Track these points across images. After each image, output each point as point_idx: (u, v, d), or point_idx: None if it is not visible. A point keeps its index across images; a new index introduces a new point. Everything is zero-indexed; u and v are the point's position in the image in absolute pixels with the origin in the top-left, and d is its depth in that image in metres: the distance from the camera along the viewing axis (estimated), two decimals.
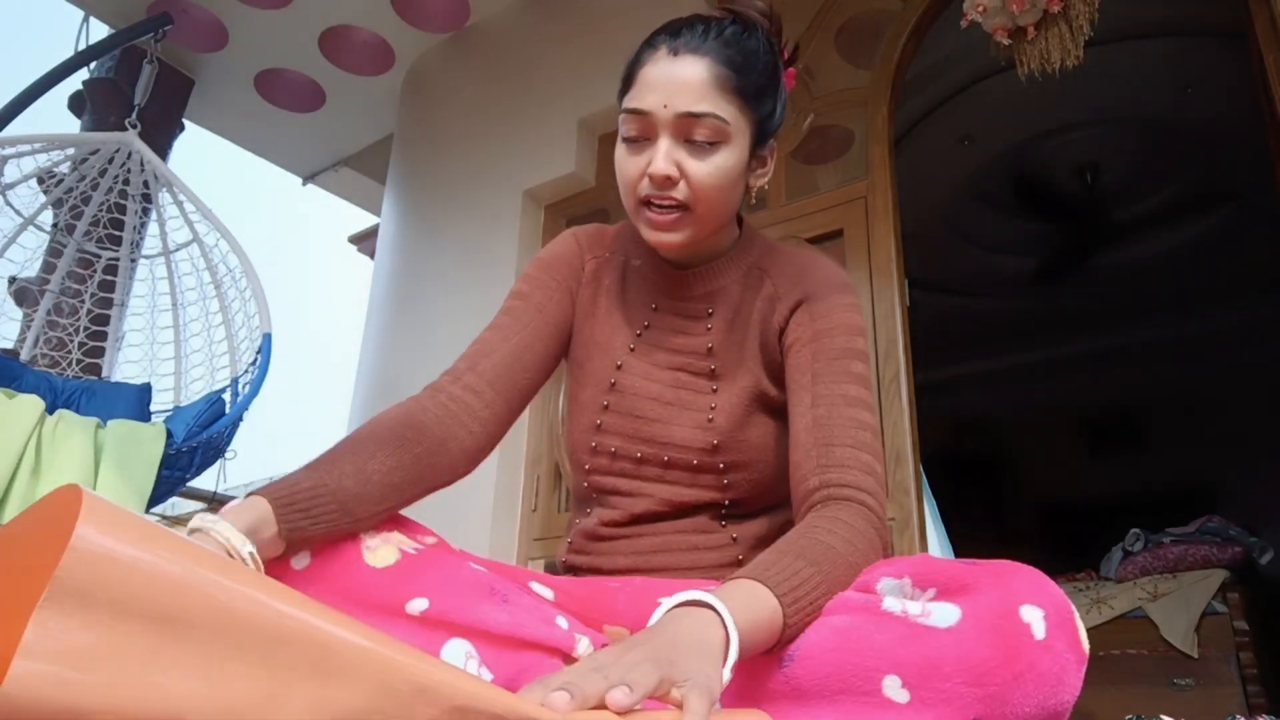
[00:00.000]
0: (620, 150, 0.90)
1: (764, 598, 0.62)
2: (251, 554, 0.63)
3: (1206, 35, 3.30)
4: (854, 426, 0.83)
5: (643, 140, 0.88)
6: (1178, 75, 3.55)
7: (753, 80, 0.88)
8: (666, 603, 0.59)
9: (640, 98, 0.87)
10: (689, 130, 0.86)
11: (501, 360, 0.93)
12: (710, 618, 0.56)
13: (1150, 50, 3.40)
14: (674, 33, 0.88)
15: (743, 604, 0.60)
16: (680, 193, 0.87)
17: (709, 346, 0.96)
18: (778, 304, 0.95)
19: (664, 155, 0.85)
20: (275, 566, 0.70)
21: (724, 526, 0.94)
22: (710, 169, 0.86)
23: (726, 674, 0.54)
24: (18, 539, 0.42)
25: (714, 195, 0.88)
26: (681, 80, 0.85)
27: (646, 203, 0.88)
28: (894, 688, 0.58)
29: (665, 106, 0.85)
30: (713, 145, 0.86)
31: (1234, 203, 4.38)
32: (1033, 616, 0.58)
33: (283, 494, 0.70)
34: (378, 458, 0.78)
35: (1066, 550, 4.56)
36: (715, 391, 0.94)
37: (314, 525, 0.71)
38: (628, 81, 0.90)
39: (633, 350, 0.97)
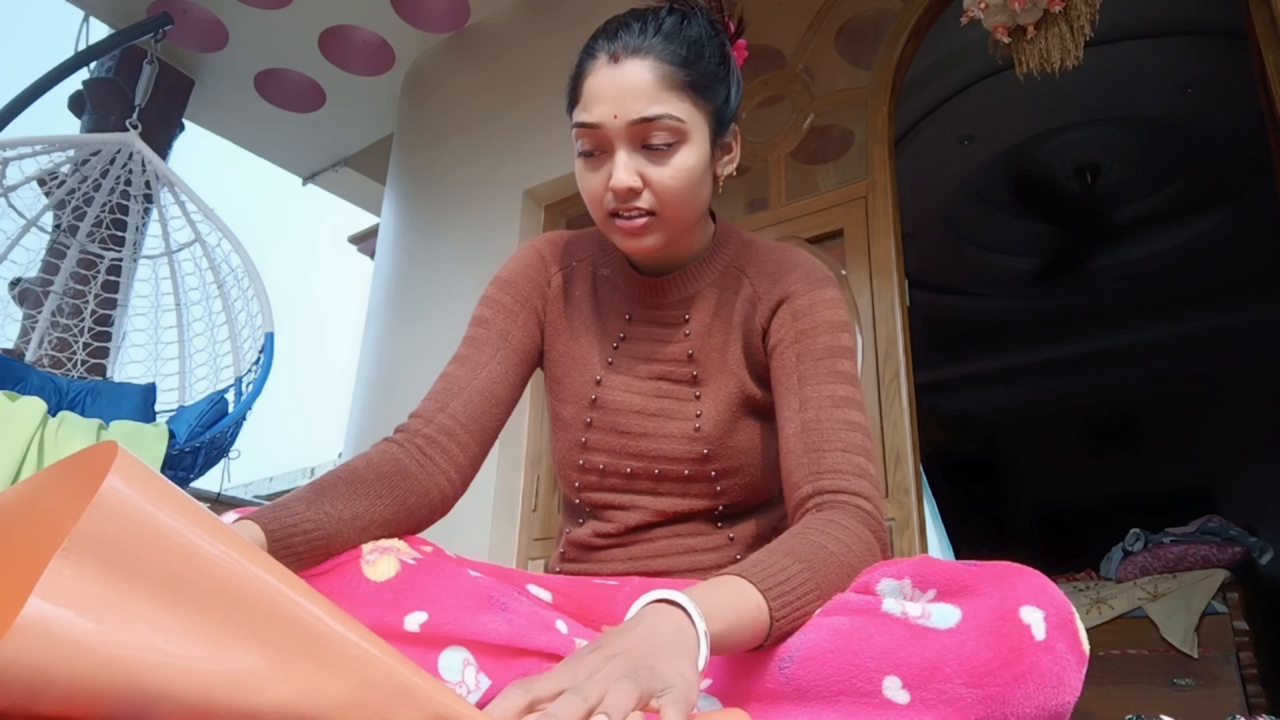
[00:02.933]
0: (579, 166, 0.87)
1: (747, 593, 0.62)
2: None
3: (1206, 35, 3.30)
4: (844, 428, 0.82)
5: (599, 153, 0.85)
6: (1178, 75, 3.55)
7: (701, 70, 0.84)
8: (638, 602, 0.59)
9: (588, 111, 0.83)
10: (644, 136, 0.82)
11: (471, 399, 0.90)
12: (681, 617, 0.56)
13: (1150, 50, 3.40)
14: (611, 35, 0.85)
15: (721, 601, 0.60)
16: (645, 201, 0.84)
17: (689, 353, 0.94)
18: (758, 305, 0.93)
19: (623, 167, 0.83)
20: None
21: (720, 528, 0.93)
22: (673, 172, 0.83)
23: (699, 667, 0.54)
24: (53, 486, 0.44)
25: (681, 198, 0.85)
26: (627, 86, 0.82)
27: (614, 214, 0.86)
28: (894, 689, 0.58)
29: (615, 117, 0.82)
30: (671, 147, 0.83)
31: (1234, 203, 4.38)
32: (1033, 618, 0.58)
33: (280, 534, 0.70)
34: (376, 508, 0.78)
35: (1066, 550, 4.56)
36: (699, 398, 0.92)
37: (301, 567, 0.72)
38: (573, 95, 0.87)
39: (611, 364, 0.95)
